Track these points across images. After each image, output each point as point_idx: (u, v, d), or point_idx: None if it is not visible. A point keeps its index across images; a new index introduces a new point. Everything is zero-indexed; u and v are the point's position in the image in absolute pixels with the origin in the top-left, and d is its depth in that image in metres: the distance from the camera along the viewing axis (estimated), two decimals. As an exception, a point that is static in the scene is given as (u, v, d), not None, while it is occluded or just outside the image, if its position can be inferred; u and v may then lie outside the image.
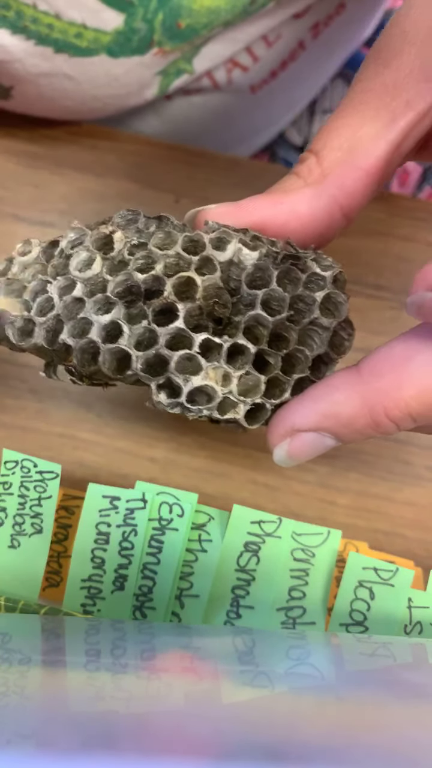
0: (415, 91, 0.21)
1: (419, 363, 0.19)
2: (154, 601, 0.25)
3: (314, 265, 0.21)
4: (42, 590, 0.27)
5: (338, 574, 0.25)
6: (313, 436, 0.21)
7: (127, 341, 0.21)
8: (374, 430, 0.20)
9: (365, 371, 0.20)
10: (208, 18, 0.31)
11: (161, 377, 0.21)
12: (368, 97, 0.22)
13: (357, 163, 0.21)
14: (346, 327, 0.22)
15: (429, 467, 0.34)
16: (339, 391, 0.20)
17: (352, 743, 0.16)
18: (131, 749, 0.14)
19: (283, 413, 0.21)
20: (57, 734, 0.15)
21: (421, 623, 0.25)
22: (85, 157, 0.37)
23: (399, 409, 0.19)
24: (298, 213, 0.22)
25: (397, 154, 0.22)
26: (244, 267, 0.21)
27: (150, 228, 0.22)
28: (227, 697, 0.19)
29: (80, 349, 0.21)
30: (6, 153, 0.36)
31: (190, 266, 0.21)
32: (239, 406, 0.21)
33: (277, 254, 0.21)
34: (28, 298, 0.22)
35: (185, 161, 0.37)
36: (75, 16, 0.29)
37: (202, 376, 0.21)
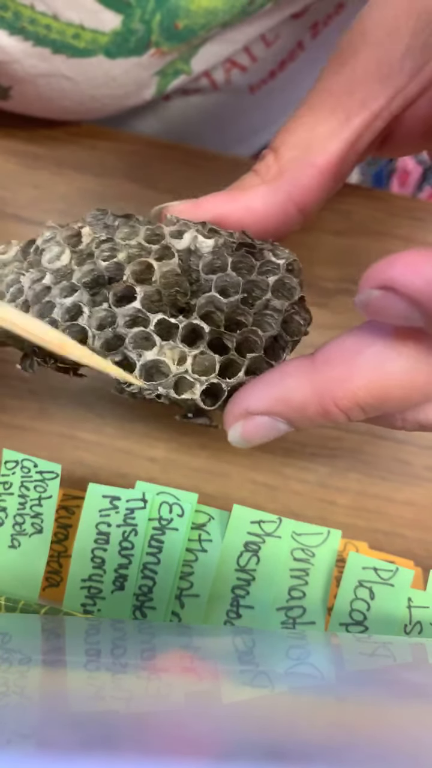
0: (368, 91, 0.22)
1: (368, 355, 0.19)
2: (154, 601, 0.25)
3: (270, 255, 0.23)
4: (42, 590, 0.27)
5: (338, 574, 0.25)
6: (265, 419, 0.21)
7: (86, 321, 0.22)
8: (324, 417, 0.20)
9: (318, 360, 0.20)
10: (205, 19, 0.31)
11: (117, 353, 0.22)
12: (325, 96, 0.22)
13: (311, 160, 0.22)
14: (302, 312, 0.23)
15: (429, 467, 0.34)
16: (291, 378, 0.20)
17: (352, 743, 0.16)
18: (131, 749, 0.14)
19: (238, 396, 0.22)
20: (57, 734, 0.15)
21: (420, 623, 0.25)
22: (85, 157, 0.37)
23: (347, 399, 0.20)
24: (253, 209, 0.23)
25: (352, 152, 0.23)
26: (201, 255, 0.22)
27: (116, 224, 0.23)
28: (227, 696, 0.19)
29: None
30: (6, 153, 0.36)
31: (150, 254, 0.22)
32: (195, 386, 0.22)
33: (233, 244, 0.22)
34: (3, 289, 0.24)
35: (185, 161, 0.37)
36: (73, 16, 0.29)
37: (156, 351, 0.22)
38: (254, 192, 0.23)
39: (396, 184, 0.63)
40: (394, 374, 0.19)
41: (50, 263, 0.23)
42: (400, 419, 0.21)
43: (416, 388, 0.19)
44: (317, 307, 0.35)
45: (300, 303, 0.23)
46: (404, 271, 0.16)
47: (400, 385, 0.19)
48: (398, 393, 0.19)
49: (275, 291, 0.22)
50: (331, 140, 0.22)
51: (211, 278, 0.22)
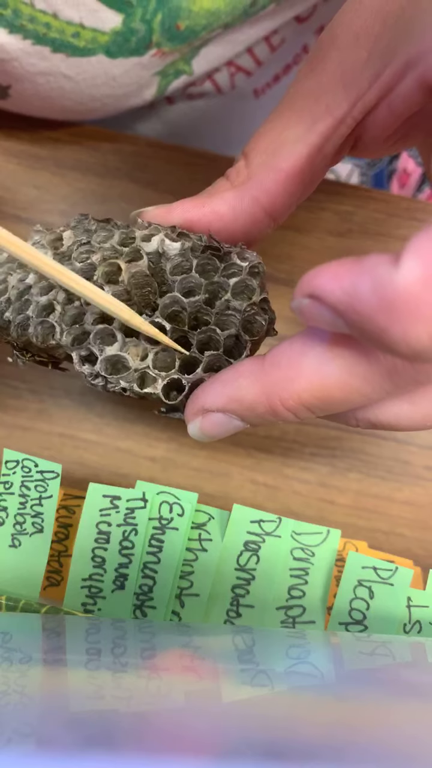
0: (333, 97, 0.22)
1: (311, 358, 0.20)
2: (154, 600, 0.25)
3: (235, 257, 0.23)
4: (43, 589, 0.27)
5: (338, 574, 0.25)
6: (221, 416, 0.22)
7: (58, 318, 0.23)
8: (273, 416, 0.21)
9: (267, 362, 0.21)
10: (207, 20, 0.31)
11: (82, 348, 0.23)
12: (295, 100, 0.23)
13: (278, 165, 0.23)
14: (264, 313, 0.23)
15: (428, 467, 0.34)
16: (243, 378, 0.21)
17: (352, 742, 0.16)
18: (131, 748, 0.14)
19: (197, 393, 0.22)
20: (57, 733, 0.15)
21: (420, 622, 0.25)
22: (86, 158, 0.37)
23: (292, 399, 0.20)
24: (220, 214, 0.23)
25: (320, 156, 0.23)
26: (169, 257, 0.23)
27: (95, 227, 0.25)
28: (227, 695, 0.19)
29: (18, 324, 0.24)
30: (7, 154, 0.36)
31: (122, 256, 0.24)
32: (157, 381, 0.23)
33: (201, 246, 0.23)
34: None
35: (186, 162, 0.37)
36: (73, 15, 0.29)
37: (118, 346, 0.23)
38: (221, 197, 0.23)
39: (396, 185, 0.63)
40: (332, 377, 0.19)
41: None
42: (354, 418, 0.22)
43: (354, 390, 0.20)
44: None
45: (262, 304, 0.23)
46: (326, 281, 0.17)
47: (338, 388, 0.20)
48: (337, 395, 0.20)
49: (237, 293, 0.23)
50: (296, 145, 0.22)
51: (176, 279, 0.23)
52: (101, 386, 0.23)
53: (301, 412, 0.21)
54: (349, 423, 0.23)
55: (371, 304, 0.16)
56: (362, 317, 0.16)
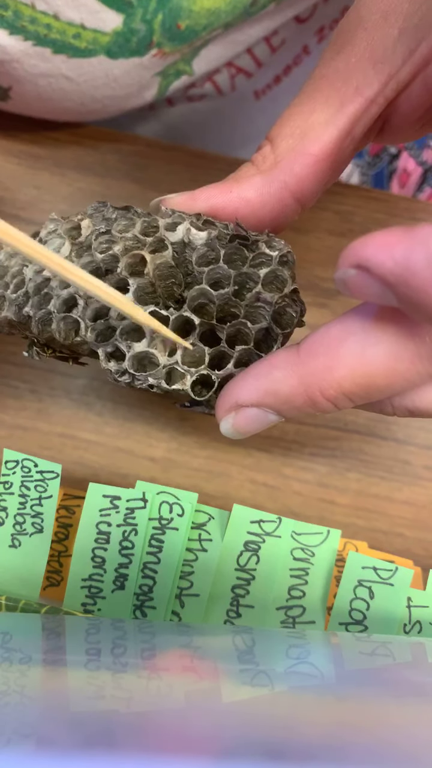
0: (363, 77, 0.22)
1: (351, 344, 0.19)
2: (154, 600, 0.25)
3: (264, 246, 0.22)
4: (43, 589, 0.27)
5: (338, 574, 0.25)
6: (255, 411, 0.21)
7: (81, 312, 0.22)
8: (312, 407, 0.20)
9: (303, 351, 0.20)
10: (207, 19, 0.31)
11: (109, 344, 0.22)
12: (321, 83, 0.22)
13: (306, 148, 0.22)
14: (294, 305, 0.23)
15: (428, 467, 0.34)
16: (278, 370, 0.20)
17: (352, 742, 0.16)
18: (132, 748, 0.14)
19: (228, 388, 0.22)
20: (57, 733, 0.15)
21: (420, 622, 0.25)
22: (87, 158, 0.37)
23: (333, 389, 0.20)
24: (248, 200, 0.22)
25: (348, 139, 0.22)
26: (195, 247, 0.23)
27: (115, 216, 0.24)
28: (227, 696, 0.19)
29: (39, 319, 0.23)
30: (7, 154, 0.36)
31: (146, 246, 0.23)
32: (186, 377, 0.22)
33: (227, 235, 0.22)
34: (8, 280, 0.24)
35: (186, 162, 0.37)
36: (74, 16, 0.29)
37: (146, 342, 0.22)
38: (249, 182, 0.22)
39: (396, 184, 0.63)
40: (376, 362, 0.19)
41: None
42: (390, 405, 0.22)
43: (398, 374, 0.19)
44: (318, 307, 0.35)
45: (292, 295, 0.23)
46: (376, 251, 0.16)
47: (382, 373, 0.19)
48: (381, 381, 0.19)
49: (267, 283, 0.22)
50: (326, 128, 0.22)
51: (204, 270, 0.22)
52: (127, 383, 0.22)
53: (341, 401, 0.20)
54: (384, 411, 0.22)
55: (426, 277, 0.15)
56: (416, 290, 0.16)
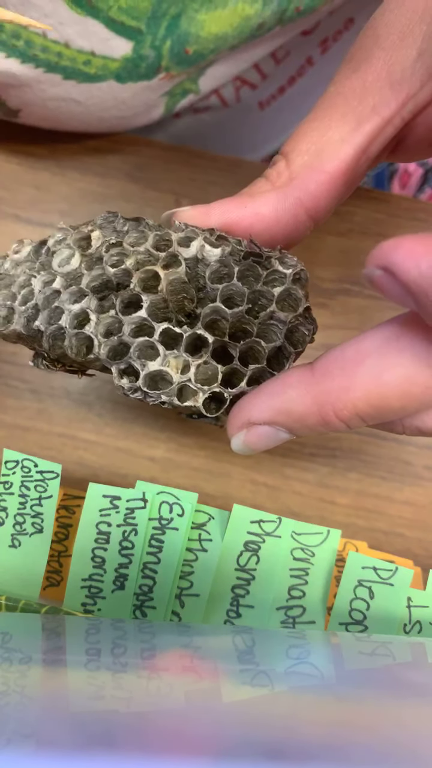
0: (380, 96, 0.22)
1: (367, 366, 0.19)
2: (154, 601, 0.25)
3: (277, 264, 0.22)
4: (42, 589, 0.27)
5: (338, 574, 0.25)
6: (267, 429, 0.21)
7: (93, 328, 0.22)
8: (324, 427, 0.21)
9: (318, 371, 0.20)
10: (215, 44, 0.31)
11: (122, 362, 0.22)
12: (337, 100, 0.22)
13: (322, 166, 0.22)
14: (307, 323, 0.23)
15: (428, 467, 0.34)
16: (292, 389, 0.20)
17: (352, 742, 0.16)
18: (131, 748, 0.14)
19: (241, 405, 0.22)
20: (57, 733, 0.15)
21: (420, 622, 0.25)
22: (86, 158, 0.37)
23: (347, 410, 0.20)
24: (262, 216, 0.22)
25: (364, 158, 0.22)
26: (208, 263, 0.22)
27: (126, 228, 0.23)
28: (227, 696, 0.19)
29: (50, 335, 0.23)
30: (7, 153, 0.36)
31: (158, 261, 0.22)
32: (198, 395, 0.22)
33: (241, 252, 0.22)
34: (15, 290, 0.24)
35: (186, 162, 0.37)
36: (84, 44, 0.29)
37: (160, 361, 0.22)
38: (264, 198, 0.22)
39: (397, 185, 0.63)
40: (391, 385, 0.19)
41: (60, 266, 0.23)
42: (401, 425, 0.22)
43: (413, 397, 0.19)
44: (317, 307, 0.35)
45: (305, 314, 0.23)
46: (404, 258, 0.16)
47: (397, 396, 0.19)
48: (396, 403, 0.19)
49: (280, 302, 0.22)
50: (342, 146, 0.22)
51: (217, 287, 0.22)
52: (138, 399, 0.22)
53: (354, 421, 0.20)
54: (394, 430, 0.22)
55: None
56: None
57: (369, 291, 0.35)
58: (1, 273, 0.25)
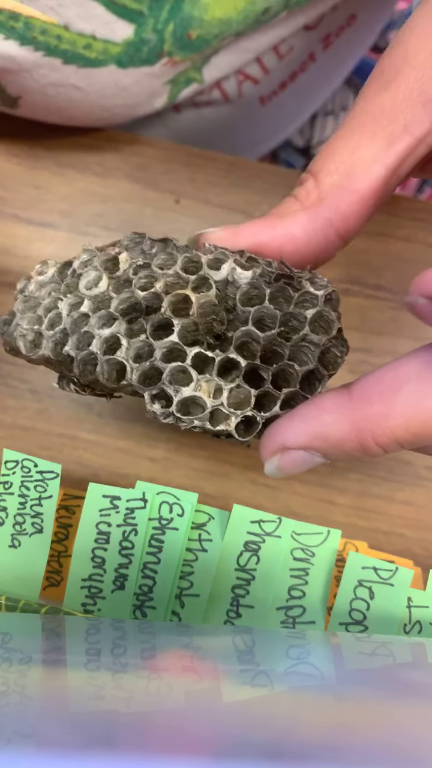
0: (412, 115, 0.21)
1: (407, 393, 0.19)
2: (154, 601, 0.25)
3: (308, 285, 0.22)
4: (42, 589, 0.27)
5: (338, 574, 0.25)
6: (302, 453, 0.21)
7: (124, 353, 0.22)
8: (361, 452, 0.20)
9: (356, 396, 0.20)
10: (219, 29, 0.31)
11: (154, 388, 0.22)
12: (367, 119, 0.22)
13: (353, 186, 0.22)
14: (339, 344, 0.22)
15: (429, 467, 0.34)
16: (329, 414, 0.20)
17: (352, 742, 0.16)
18: (131, 748, 0.14)
19: (274, 430, 0.21)
20: (57, 733, 0.15)
21: (420, 622, 0.25)
22: (87, 158, 0.37)
23: (386, 436, 0.19)
24: (293, 237, 0.22)
25: (394, 177, 0.22)
26: (238, 286, 0.22)
27: (154, 249, 0.23)
28: (227, 696, 0.19)
29: (81, 360, 0.22)
30: (7, 154, 0.36)
31: (188, 284, 0.22)
32: (231, 418, 0.22)
33: (271, 274, 0.22)
34: (41, 313, 0.23)
35: (186, 162, 0.37)
36: (84, 27, 0.29)
37: (193, 387, 0.22)
38: (294, 219, 0.22)
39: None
40: (431, 412, 0.19)
41: (88, 289, 0.23)
42: None
43: None
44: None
45: (338, 335, 0.22)
46: None
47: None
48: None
49: (312, 323, 0.22)
50: (373, 166, 0.22)
51: (249, 310, 0.22)
52: (170, 423, 0.22)
53: (392, 447, 0.20)
54: (429, 453, 0.22)
55: None
56: None
57: (369, 291, 0.35)
58: (26, 295, 0.24)
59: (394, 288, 0.35)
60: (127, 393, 0.23)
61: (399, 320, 0.35)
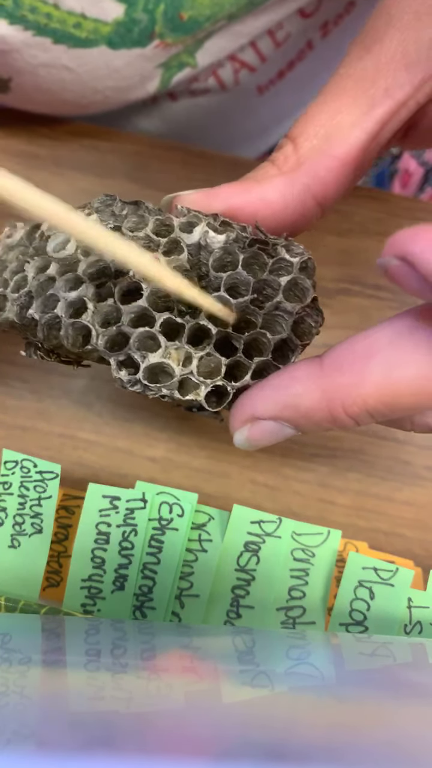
0: (393, 78, 0.21)
1: (379, 361, 0.19)
2: (154, 601, 0.25)
3: (283, 251, 0.21)
4: (42, 590, 0.27)
5: (338, 574, 0.25)
6: (272, 424, 0.21)
7: (90, 317, 0.21)
8: (331, 423, 0.20)
9: (327, 365, 0.19)
10: (211, 10, 0.30)
11: (121, 353, 0.21)
12: (348, 83, 0.21)
13: (332, 151, 0.21)
14: (314, 314, 0.22)
15: (429, 467, 0.34)
16: (299, 383, 0.20)
17: (352, 743, 0.16)
18: (131, 749, 0.14)
19: (245, 400, 0.21)
20: (57, 734, 0.15)
21: (420, 623, 0.25)
22: (85, 157, 0.37)
23: (357, 406, 0.19)
24: (269, 201, 0.22)
25: (374, 143, 0.22)
26: (211, 251, 0.21)
27: (125, 212, 0.22)
28: (227, 696, 0.19)
29: (45, 324, 0.22)
30: (6, 153, 0.36)
31: (159, 248, 0.21)
32: (200, 388, 0.21)
33: (246, 239, 0.21)
34: (7, 276, 0.23)
35: (185, 161, 0.37)
36: (74, 5, 0.29)
37: (161, 353, 0.21)
38: (271, 183, 0.21)
39: (398, 185, 0.63)
40: (404, 381, 0.18)
41: (56, 252, 0.22)
42: (409, 422, 0.21)
43: (425, 394, 0.19)
44: (317, 307, 0.35)
45: (312, 304, 0.22)
46: (423, 248, 0.16)
47: (409, 393, 0.18)
48: (408, 400, 0.19)
49: (287, 292, 0.22)
50: (353, 130, 0.21)
51: (221, 276, 0.21)
52: (138, 392, 0.21)
53: (363, 418, 0.19)
54: (403, 427, 0.22)
55: None
56: None
57: (369, 291, 0.35)
58: None
59: (394, 287, 0.35)
60: (94, 360, 0.23)
61: (399, 320, 0.35)
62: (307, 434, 0.21)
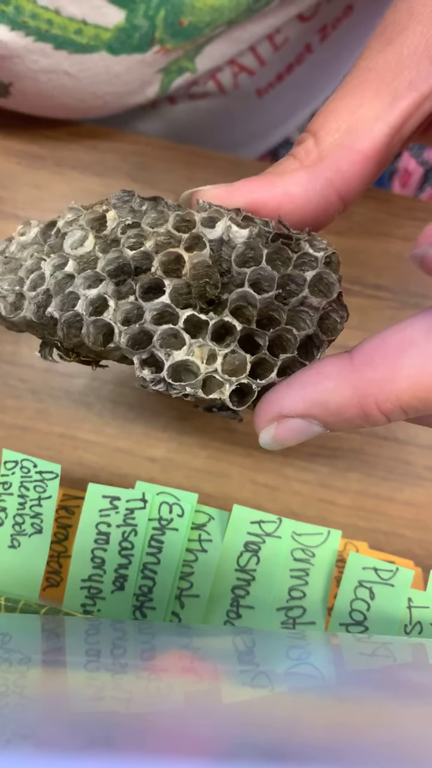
0: (417, 71, 0.20)
1: (413, 355, 0.18)
2: (154, 601, 0.25)
3: (307, 246, 0.21)
4: (42, 590, 0.27)
5: (338, 574, 0.25)
6: (300, 422, 0.20)
7: (112, 315, 0.21)
8: (363, 420, 0.19)
9: (357, 359, 0.19)
10: (211, 16, 0.31)
11: (144, 351, 0.21)
12: (370, 76, 0.21)
13: (355, 145, 0.21)
14: (339, 309, 0.21)
15: (429, 467, 0.34)
16: (329, 379, 0.19)
17: (352, 743, 0.16)
18: (131, 749, 0.14)
19: (271, 397, 0.21)
20: (57, 734, 0.15)
21: (420, 623, 0.25)
22: (86, 157, 0.37)
23: (390, 402, 0.19)
24: (291, 196, 0.21)
25: (397, 136, 0.21)
26: (234, 246, 0.21)
27: (143, 207, 0.22)
28: (227, 697, 0.19)
29: (65, 322, 0.21)
30: (6, 153, 0.36)
31: (180, 243, 0.21)
32: (225, 386, 0.21)
33: (269, 234, 0.21)
34: (23, 275, 0.22)
35: (185, 161, 0.37)
36: (75, 11, 0.29)
37: (185, 351, 0.21)
38: (293, 177, 0.21)
39: (397, 184, 0.62)
40: None
41: (73, 249, 0.22)
42: None
43: None
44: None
45: (338, 300, 0.21)
46: None
47: None
48: None
49: (312, 287, 0.21)
50: (376, 124, 0.21)
51: (244, 272, 0.21)
52: (161, 391, 0.21)
53: (396, 414, 0.19)
54: (430, 424, 0.21)
55: None
56: None
57: (369, 290, 0.35)
58: (6, 256, 0.23)
59: (394, 287, 0.35)
60: (115, 359, 0.22)
61: (399, 320, 0.35)
62: (336, 432, 0.20)
